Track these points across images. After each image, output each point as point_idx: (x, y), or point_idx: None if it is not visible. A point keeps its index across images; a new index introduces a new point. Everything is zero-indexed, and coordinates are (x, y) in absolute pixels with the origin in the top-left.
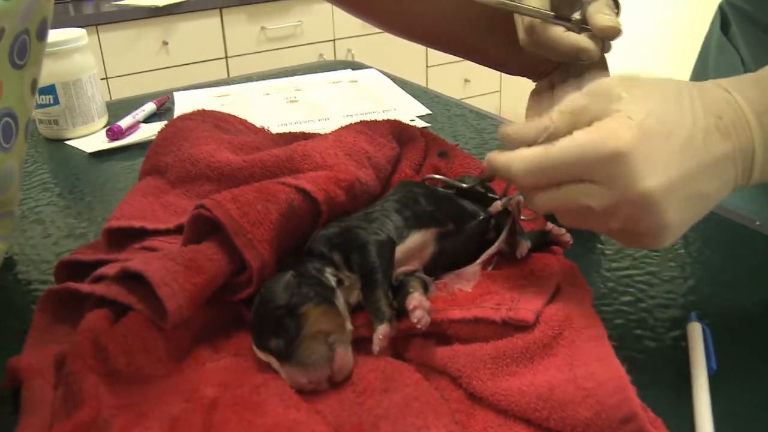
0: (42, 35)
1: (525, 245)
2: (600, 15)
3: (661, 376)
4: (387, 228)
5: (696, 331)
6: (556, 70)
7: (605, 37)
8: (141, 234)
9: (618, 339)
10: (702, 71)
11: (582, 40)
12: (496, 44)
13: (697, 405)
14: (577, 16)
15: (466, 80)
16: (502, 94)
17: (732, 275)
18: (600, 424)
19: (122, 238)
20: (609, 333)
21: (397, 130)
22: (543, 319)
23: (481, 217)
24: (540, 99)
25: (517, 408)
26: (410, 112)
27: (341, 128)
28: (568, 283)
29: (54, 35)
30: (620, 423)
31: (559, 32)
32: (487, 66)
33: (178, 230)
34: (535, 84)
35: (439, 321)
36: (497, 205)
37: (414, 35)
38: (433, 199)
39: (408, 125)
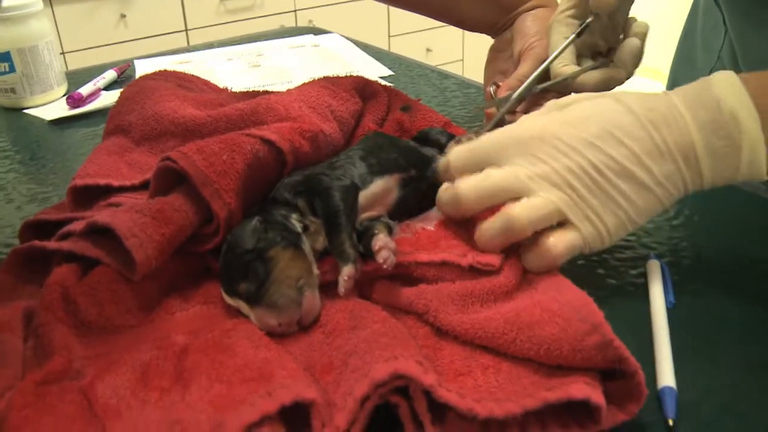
0: None
1: None
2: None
3: (622, 311)
4: (351, 174)
5: (655, 268)
6: (513, 25)
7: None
8: (106, 192)
9: (581, 279)
10: (691, 31)
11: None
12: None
13: (657, 335)
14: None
15: (428, 49)
16: (464, 63)
17: (686, 220)
18: (566, 338)
19: (87, 197)
20: (572, 273)
21: (360, 86)
22: (507, 267)
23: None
24: (498, 54)
25: (484, 334)
26: (373, 73)
27: (304, 84)
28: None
29: None
30: (585, 334)
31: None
32: (444, 22)
33: (143, 186)
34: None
35: (405, 263)
36: (452, 146)
37: None
38: (397, 147)
39: (370, 81)
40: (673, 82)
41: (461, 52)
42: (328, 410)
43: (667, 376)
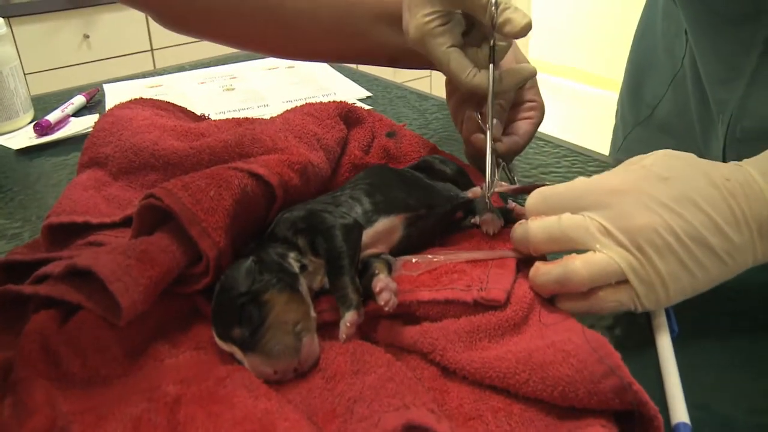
0: None
1: (498, 223)
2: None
3: (624, 341)
4: (355, 212)
5: None
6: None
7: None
8: (84, 229)
9: None
10: (648, 34)
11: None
12: (386, 42)
13: (665, 369)
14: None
15: None
16: (432, 78)
17: None
18: (581, 380)
19: (64, 235)
20: None
21: (343, 112)
22: (513, 300)
23: (458, 202)
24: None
25: (495, 374)
26: (350, 95)
27: (287, 111)
28: (528, 261)
29: None
30: (602, 377)
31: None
32: (378, 65)
33: (124, 223)
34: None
35: (407, 303)
36: (476, 191)
37: (297, 53)
38: (406, 184)
39: (354, 106)
40: (634, 86)
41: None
42: None
43: (680, 411)
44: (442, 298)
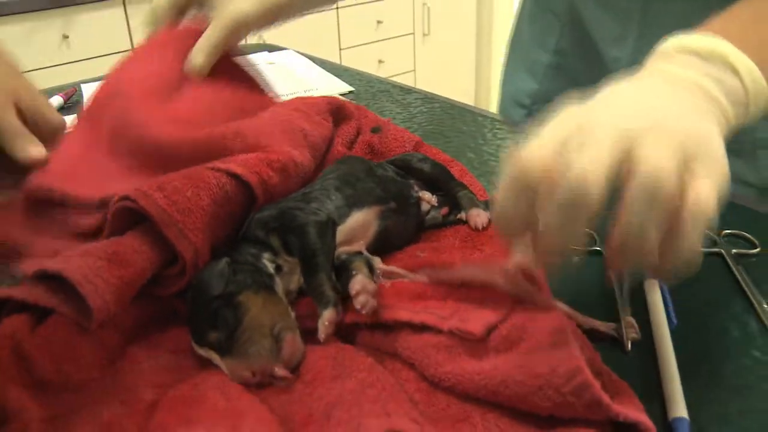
0: None
1: (485, 216)
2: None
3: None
4: (327, 207)
5: (653, 288)
6: None
7: None
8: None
9: (584, 305)
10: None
11: None
12: None
13: (663, 363)
14: None
15: (380, 61)
16: (416, 73)
17: None
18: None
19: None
20: (566, 298)
21: (333, 108)
22: (493, 337)
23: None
24: None
25: (477, 387)
26: (332, 90)
27: (275, 105)
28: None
29: None
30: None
31: None
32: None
33: (100, 206)
34: None
35: (385, 320)
36: (427, 197)
37: None
38: (374, 176)
39: (345, 102)
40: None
41: (413, 63)
42: None
43: (678, 406)
44: (419, 322)
